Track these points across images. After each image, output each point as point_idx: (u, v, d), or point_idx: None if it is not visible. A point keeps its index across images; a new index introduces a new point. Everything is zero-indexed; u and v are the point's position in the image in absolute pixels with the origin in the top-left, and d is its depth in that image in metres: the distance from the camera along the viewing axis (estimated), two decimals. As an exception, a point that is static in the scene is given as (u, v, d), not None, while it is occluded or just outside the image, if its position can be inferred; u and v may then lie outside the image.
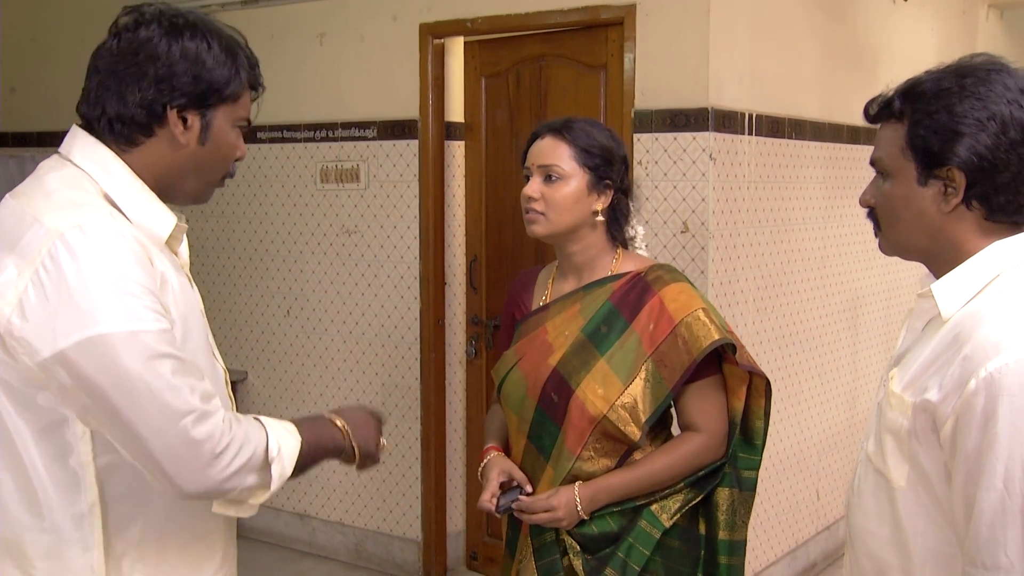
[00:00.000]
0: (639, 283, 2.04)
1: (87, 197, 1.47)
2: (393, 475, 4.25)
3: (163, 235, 1.54)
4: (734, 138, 3.50)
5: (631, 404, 1.97)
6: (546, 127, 2.10)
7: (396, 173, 4.13)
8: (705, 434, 2.03)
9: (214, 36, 1.56)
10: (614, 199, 2.08)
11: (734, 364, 2.03)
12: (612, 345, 2.01)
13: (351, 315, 4.30)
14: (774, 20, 3.74)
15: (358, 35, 4.18)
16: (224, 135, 1.58)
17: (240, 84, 1.58)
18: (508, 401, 2.13)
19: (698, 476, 2.03)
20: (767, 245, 3.75)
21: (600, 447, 2.01)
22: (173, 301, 1.48)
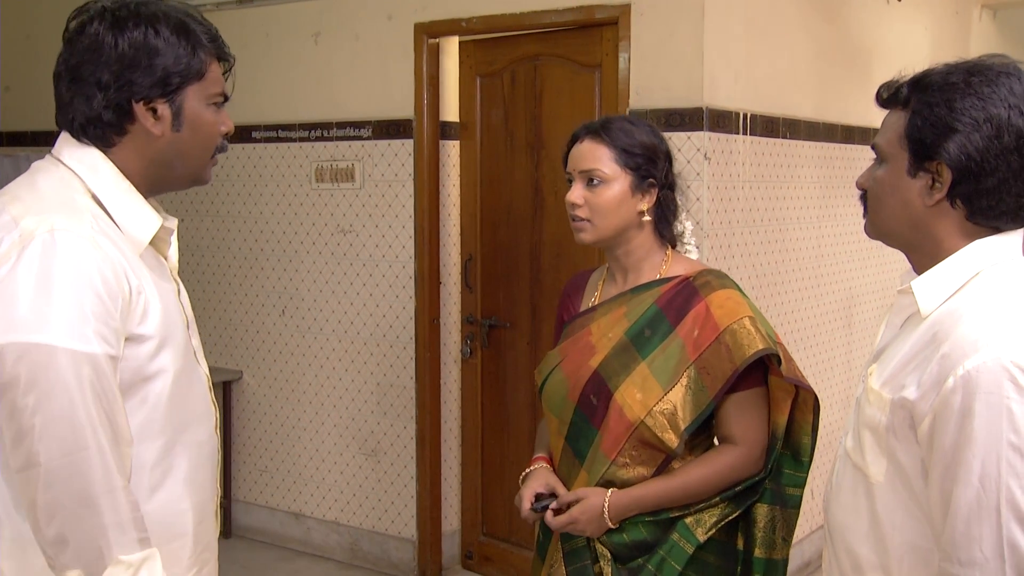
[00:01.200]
0: (687, 287, 1.99)
1: (73, 200, 1.47)
2: (388, 474, 4.25)
3: (145, 239, 1.52)
4: (729, 137, 3.51)
5: (670, 411, 1.91)
6: (584, 129, 2.05)
7: (391, 172, 4.13)
8: (743, 447, 1.96)
9: (160, 19, 1.51)
10: (659, 196, 2.02)
11: (780, 376, 1.95)
12: (655, 349, 1.96)
13: (346, 314, 4.30)
14: (768, 20, 3.75)
15: (353, 34, 4.18)
16: (199, 115, 1.55)
17: (200, 60, 1.53)
18: (549, 402, 2.09)
19: (735, 491, 1.96)
20: (762, 244, 3.76)
21: (637, 454, 1.96)
22: (145, 311, 1.45)
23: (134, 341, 1.44)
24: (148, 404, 1.48)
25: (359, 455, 4.32)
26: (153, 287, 1.49)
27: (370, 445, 4.29)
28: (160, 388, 1.49)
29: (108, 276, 1.39)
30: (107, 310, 1.37)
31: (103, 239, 1.42)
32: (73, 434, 1.34)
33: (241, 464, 4.69)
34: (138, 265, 1.48)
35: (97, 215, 1.47)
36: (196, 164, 1.59)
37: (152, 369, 1.47)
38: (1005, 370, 1.27)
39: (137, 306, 1.44)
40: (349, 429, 4.34)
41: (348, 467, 4.35)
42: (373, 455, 4.28)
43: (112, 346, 1.38)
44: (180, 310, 1.60)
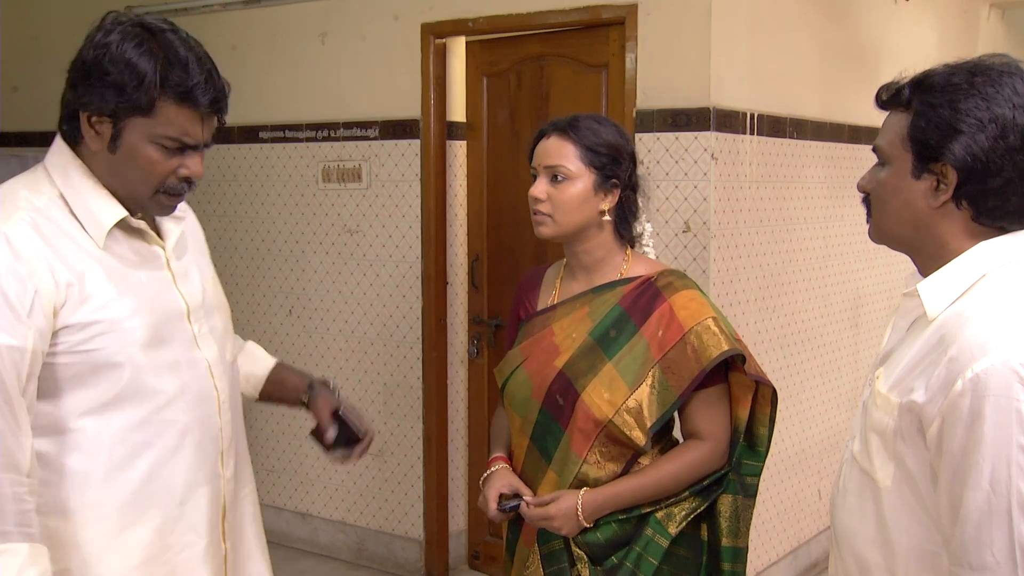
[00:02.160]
0: (649, 288, 2.03)
1: (26, 199, 1.56)
2: (395, 474, 4.26)
3: (102, 230, 1.59)
4: (735, 137, 3.51)
5: (636, 409, 1.95)
6: (552, 126, 2.07)
7: (398, 172, 4.13)
8: (710, 442, 2.01)
9: (134, 40, 1.54)
10: (622, 197, 2.06)
11: (741, 373, 2.01)
12: (620, 349, 1.99)
13: (353, 314, 4.30)
14: (775, 20, 3.75)
15: (360, 35, 4.19)
16: (137, 148, 1.57)
17: (147, 98, 1.53)
18: (512, 402, 2.12)
19: (703, 484, 2.02)
20: (769, 244, 3.76)
21: (606, 451, 1.99)
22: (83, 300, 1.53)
23: (72, 328, 1.53)
24: (107, 383, 1.56)
25: (365, 455, 4.30)
26: (103, 277, 1.56)
27: (377, 445, 4.28)
28: (121, 369, 1.57)
29: (15, 273, 1.47)
30: (9, 302, 1.46)
31: (36, 237, 1.51)
32: None
33: (248, 464, 4.68)
34: (86, 258, 1.56)
35: (50, 212, 1.56)
36: (134, 192, 1.62)
37: (105, 351, 1.55)
38: (1014, 372, 1.26)
39: (69, 297, 1.52)
40: (356, 429, 4.32)
41: (355, 467, 4.35)
42: (380, 455, 4.28)
43: (13, 336, 1.46)
44: (174, 297, 1.68)
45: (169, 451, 1.63)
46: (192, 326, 1.70)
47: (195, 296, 1.74)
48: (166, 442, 1.63)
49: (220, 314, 1.83)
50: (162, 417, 1.62)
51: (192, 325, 1.70)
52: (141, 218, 1.69)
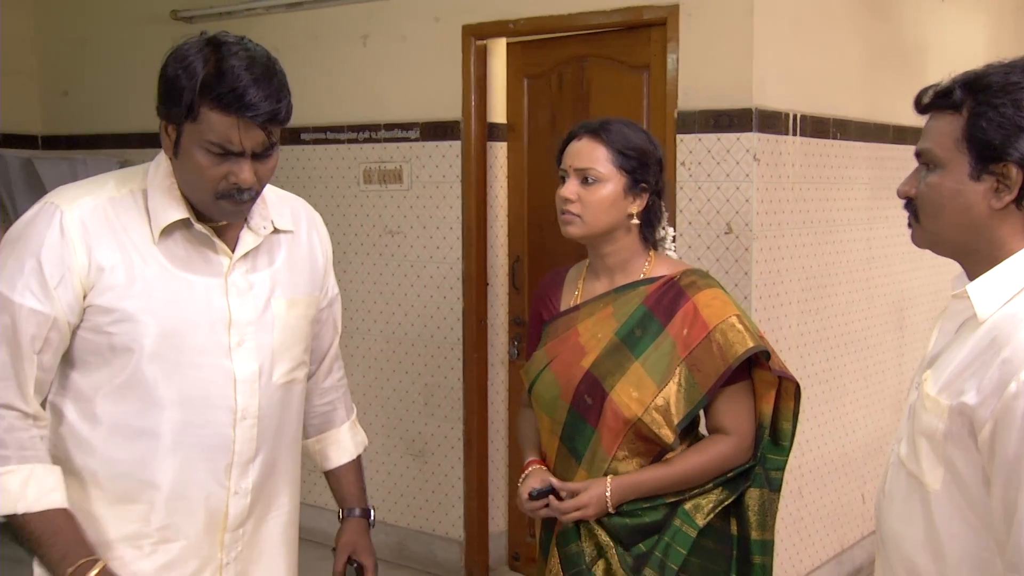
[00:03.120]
0: (673, 287, 2.05)
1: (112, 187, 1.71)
2: (436, 475, 4.28)
3: (157, 227, 1.68)
4: (778, 139, 3.49)
5: (664, 407, 1.98)
6: (583, 128, 2.09)
7: (439, 174, 4.16)
8: (735, 437, 2.04)
9: (191, 51, 1.61)
10: (649, 201, 2.08)
11: (764, 369, 2.04)
12: (647, 348, 2.02)
13: (394, 315, 4.34)
14: (818, 19, 3.73)
15: (401, 36, 4.21)
16: (190, 154, 1.62)
17: (188, 104, 1.58)
18: (539, 402, 2.14)
19: (728, 477, 2.05)
20: (811, 246, 3.73)
21: (634, 447, 2.02)
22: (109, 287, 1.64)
23: (95, 310, 1.65)
24: (117, 367, 1.67)
25: (406, 456, 4.35)
26: (139, 270, 1.66)
27: (417, 446, 4.32)
28: (130, 357, 1.66)
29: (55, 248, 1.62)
30: (43, 272, 1.61)
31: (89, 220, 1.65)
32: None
33: (290, 463, 4.73)
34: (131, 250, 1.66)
35: (123, 203, 1.69)
36: (195, 195, 1.69)
37: (121, 338, 1.65)
38: None
39: (98, 281, 1.64)
40: (396, 430, 4.37)
41: (395, 468, 4.38)
42: (420, 456, 4.31)
43: (40, 302, 1.61)
44: (219, 305, 1.72)
45: (165, 445, 1.70)
46: (230, 338, 1.73)
47: (248, 310, 1.76)
48: (160, 437, 1.70)
49: (284, 335, 1.81)
50: (160, 413, 1.69)
51: (230, 336, 1.73)
52: (224, 225, 1.74)
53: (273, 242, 1.83)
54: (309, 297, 1.89)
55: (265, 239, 1.81)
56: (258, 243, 1.79)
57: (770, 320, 3.51)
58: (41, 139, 5.58)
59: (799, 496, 3.74)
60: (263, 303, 1.78)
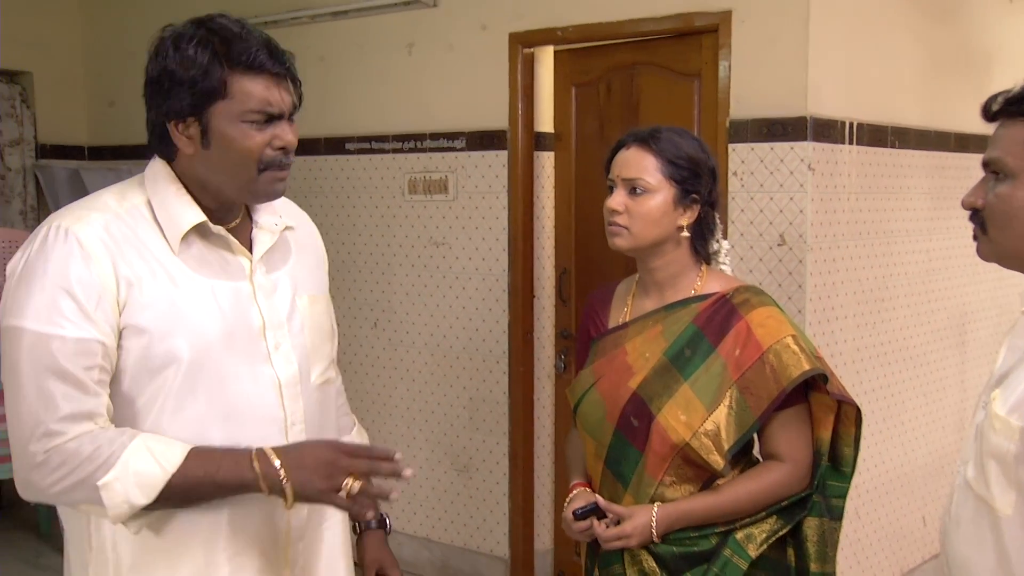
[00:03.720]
0: (725, 305, 2.00)
1: (113, 202, 1.64)
2: (480, 491, 4.29)
3: (177, 234, 1.63)
4: (833, 147, 3.46)
5: (714, 431, 1.93)
6: (632, 136, 2.05)
7: (485, 184, 4.18)
8: (790, 464, 1.99)
9: (184, 39, 1.58)
10: (701, 213, 2.04)
11: (822, 392, 1.98)
12: (696, 369, 1.97)
13: (439, 328, 4.36)
14: (876, 23, 3.69)
15: (447, 45, 4.24)
16: (227, 134, 1.59)
17: (215, 78, 1.56)
18: (585, 424, 2.10)
19: (782, 506, 1.99)
20: (868, 258, 3.69)
21: (682, 473, 1.98)
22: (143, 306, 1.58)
23: (131, 330, 1.58)
24: (154, 390, 1.60)
25: (451, 471, 4.36)
26: (167, 283, 1.61)
27: (462, 461, 4.33)
28: (169, 378, 1.60)
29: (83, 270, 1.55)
30: (75, 298, 1.53)
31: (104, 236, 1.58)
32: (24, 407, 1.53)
33: (333, 477, 4.76)
34: (154, 263, 1.61)
35: (130, 216, 1.62)
36: (237, 182, 1.64)
37: (160, 358, 1.59)
38: None
39: (130, 298, 1.58)
40: (441, 444, 4.38)
41: (439, 483, 4.40)
42: (465, 471, 4.32)
43: (80, 328, 1.53)
44: (249, 310, 1.68)
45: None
46: (267, 342, 1.68)
47: (277, 312, 1.72)
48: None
49: (314, 334, 1.79)
50: (212, 435, 1.62)
51: (267, 341, 1.68)
52: (233, 227, 1.70)
53: (281, 240, 1.80)
54: (325, 294, 1.89)
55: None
56: (274, 241, 1.76)
57: (824, 335, 3.47)
58: (87, 150, 5.70)
59: (856, 518, 3.69)
60: (289, 303, 1.75)
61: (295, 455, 1.57)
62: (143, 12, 5.25)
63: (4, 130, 5.34)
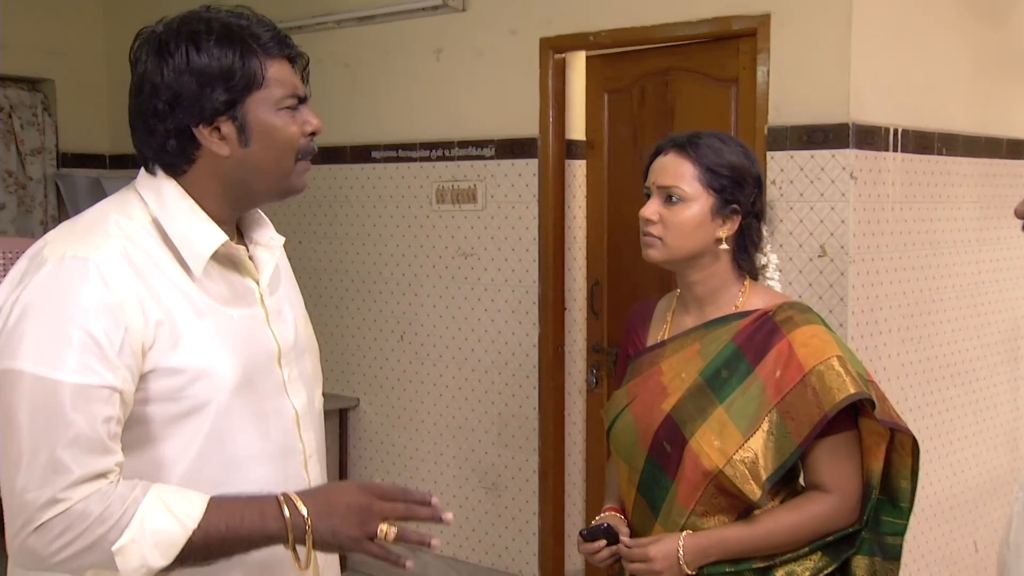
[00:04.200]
0: (767, 323, 1.93)
1: (117, 225, 1.50)
2: (509, 509, 4.27)
3: (202, 256, 1.52)
4: (877, 155, 3.42)
5: (751, 459, 1.85)
6: (670, 142, 1.99)
7: (515, 193, 4.16)
8: (836, 496, 1.89)
9: (203, 33, 1.50)
10: (742, 224, 1.97)
11: (873, 419, 1.89)
12: (733, 392, 1.90)
13: (467, 341, 4.34)
14: (922, 25, 3.65)
15: (476, 50, 4.24)
16: (267, 125, 1.53)
17: (254, 67, 1.50)
18: (617, 447, 2.05)
19: (827, 541, 1.90)
20: (914, 270, 3.64)
21: (715, 503, 1.90)
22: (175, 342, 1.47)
23: (160, 373, 1.45)
24: (191, 433, 1.49)
25: (479, 489, 4.35)
26: (193, 316, 1.49)
27: (490, 478, 4.31)
28: (205, 420, 1.50)
29: (107, 307, 1.41)
30: (96, 341, 1.39)
31: (127, 268, 1.45)
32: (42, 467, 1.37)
33: (358, 494, 4.76)
34: (176, 293, 1.49)
35: (141, 240, 1.50)
36: (276, 176, 1.57)
37: (192, 400, 1.48)
38: None
39: (159, 338, 1.45)
40: (469, 461, 4.36)
41: (467, 501, 4.38)
42: (493, 489, 4.29)
43: (101, 376, 1.39)
44: (266, 337, 1.60)
45: None
46: (282, 371, 1.62)
47: (287, 337, 1.65)
48: None
49: (310, 356, 1.74)
50: (245, 475, 1.54)
51: (282, 370, 1.62)
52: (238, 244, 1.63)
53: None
54: (306, 312, 1.80)
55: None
56: (276, 259, 1.68)
57: (868, 350, 3.43)
58: (109, 158, 5.75)
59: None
60: (292, 327, 1.68)
61: (324, 501, 1.48)
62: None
63: (26, 139, 5.39)
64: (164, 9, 1.64)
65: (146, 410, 1.47)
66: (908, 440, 1.91)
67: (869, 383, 1.89)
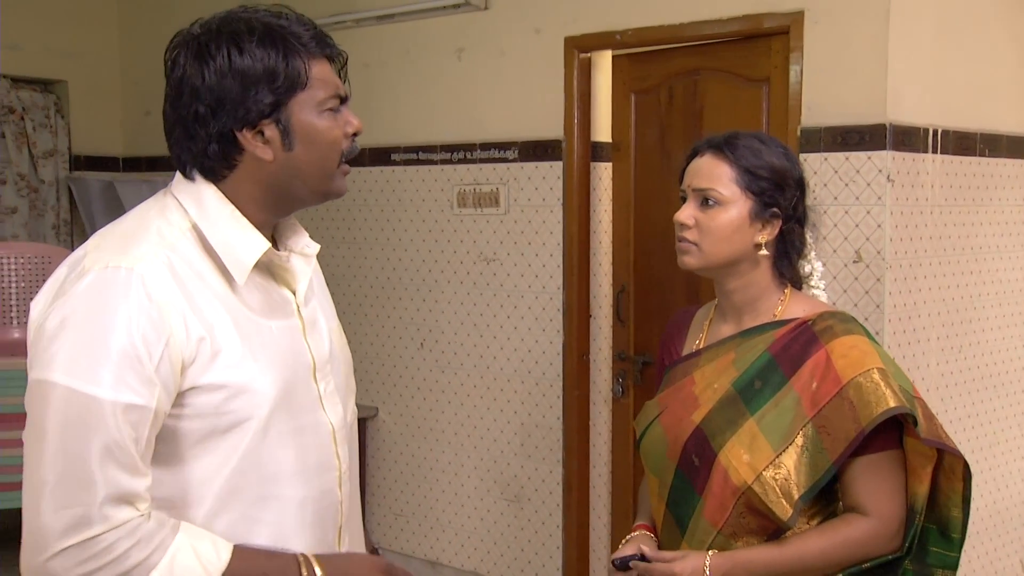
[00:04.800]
0: (805, 332, 1.88)
1: (158, 233, 1.49)
2: (532, 522, 4.25)
3: (246, 265, 1.51)
4: (915, 157, 3.38)
5: (783, 476, 1.80)
6: (707, 143, 1.96)
7: (538, 197, 4.15)
8: (875, 520, 1.82)
9: (244, 34, 1.49)
10: (783, 229, 1.93)
11: (918, 438, 1.81)
12: (765, 404, 1.85)
13: (488, 349, 4.33)
14: (964, 20, 3.60)
15: (499, 50, 4.23)
16: (311, 127, 1.52)
17: (299, 68, 1.49)
18: (647, 459, 2.02)
19: (863, 568, 1.83)
20: (954, 276, 3.60)
21: (744, 523, 1.85)
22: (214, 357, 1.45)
23: (200, 390, 1.44)
24: (229, 449, 1.48)
25: (501, 500, 4.33)
26: (233, 330, 1.48)
27: (513, 490, 4.29)
28: (244, 436, 1.48)
29: (149, 319, 1.39)
30: (135, 356, 1.38)
31: (170, 279, 1.43)
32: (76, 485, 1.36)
33: (375, 507, 4.76)
34: (217, 305, 1.47)
35: (183, 248, 1.48)
36: (320, 179, 1.56)
37: (232, 416, 1.47)
38: None
39: (200, 353, 1.44)
40: (491, 472, 4.35)
41: (489, 513, 4.36)
42: (516, 501, 4.28)
43: (138, 394, 1.38)
44: (302, 350, 1.59)
45: (287, 530, 1.54)
46: (318, 384, 1.60)
47: (322, 349, 1.64)
48: (284, 520, 1.54)
49: (345, 368, 1.73)
50: (281, 492, 1.53)
51: (318, 383, 1.61)
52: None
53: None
54: (339, 323, 1.79)
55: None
56: (312, 267, 1.67)
57: (905, 359, 3.39)
58: (122, 161, 5.77)
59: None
60: (326, 339, 1.67)
61: (341, 570, 1.53)
62: (183, 19, 5.30)
63: (38, 141, 5.41)
64: (180, 10, 1.64)
65: (180, 425, 1.45)
66: (958, 464, 1.84)
67: (915, 399, 1.83)
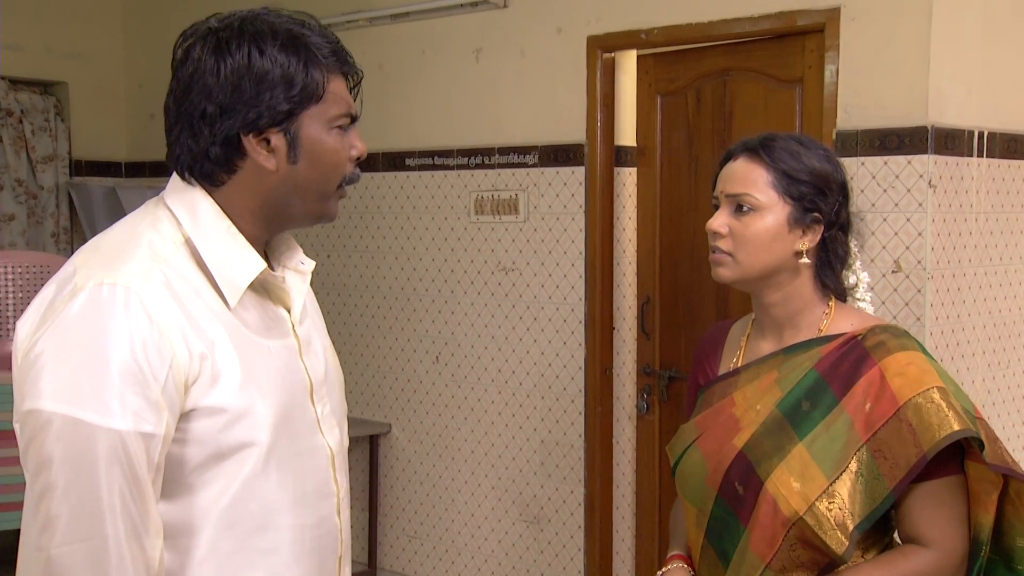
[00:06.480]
0: (855, 349, 1.82)
1: (151, 247, 1.46)
2: (553, 544, 4.22)
3: (240, 285, 1.49)
4: (959, 161, 3.36)
5: (837, 505, 1.75)
6: (741, 146, 1.92)
7: (560, 204, 4.13)
8: (937, 552, 1.76)
9: (267, 35, 1.48)
10: (826, 236, 1.88)
11: (983, 463, 1.74)
12: (815, 427, 1.80)
13: (507, 363, 4.31)
14: (1012, 16, 3.60)
15: (518, 50, 4.23)
16: (318, 143, 1.50)
17: (317, 80, 1.48)
18: (683, 487, 1.97)
19: None
20: (1000, 287, 3.58)
21: (794, 556, 1.79)
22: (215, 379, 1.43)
23: (200, 413, 1.41)
24: (225, 476, 1.45)
25: (520, 522, 4.31)
26: (232, 350, 1.45)
27: (532, 511, 4.27)
28: (244, 463, 1.45)
29: (152, 342, 1.36)
30: (138, 380, 1.34)
31: (169, 297, 1.41)
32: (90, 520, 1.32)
33: (387, 528, 4.74)
34: (215, 323, 1.45)
35: (178, 263, 1.46)
36: (317, 198, 1.54)
37: (229, 441, 1.44)
38: None
39: (202, 372, 1.41)
40: (509, 492, 4.33)
41: (507, 535, 4.34)
42: (536, 522, 4.26)
43: (147, 421, 1.35)
44: (299, 370, 1.57)
45: (287, 561, 1.52)
46: (315, 407, 1.59)
47: (318, 370, 1.63)
48: (282, 549, 1.51)
49: (339, 389, 1.71)
50: (279, 521, 1.50)
51: (315, 406, 1.59)
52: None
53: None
54: (331, 342, 1.77)
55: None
56: (307, 285, 1.66)
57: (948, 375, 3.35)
58: (125, 166, 5.78)
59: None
60: (322, 359, 1.66)
61: None
62: (191, 18, 5.30)
63: (37, 146, 5.43)
64: (188, 9, 1.61)
65: (183, 452, 1.42)
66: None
67: (977, 420, 1.77)
